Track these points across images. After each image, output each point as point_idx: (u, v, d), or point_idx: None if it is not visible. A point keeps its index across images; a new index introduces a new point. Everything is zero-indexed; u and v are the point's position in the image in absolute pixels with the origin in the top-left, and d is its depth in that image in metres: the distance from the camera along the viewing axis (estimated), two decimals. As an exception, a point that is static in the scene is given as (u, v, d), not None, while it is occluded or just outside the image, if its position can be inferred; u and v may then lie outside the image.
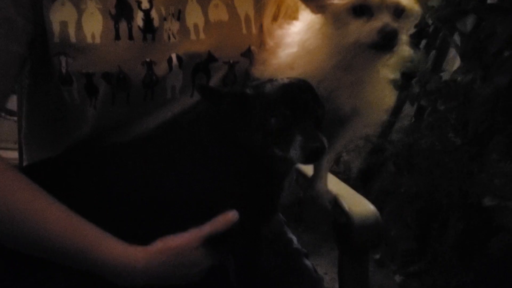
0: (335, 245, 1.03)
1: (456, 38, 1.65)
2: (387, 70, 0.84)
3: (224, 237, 0.78)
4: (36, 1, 0.80)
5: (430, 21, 1.83)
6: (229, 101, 0.78)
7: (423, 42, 1.95)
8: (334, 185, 1.03)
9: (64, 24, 0.81)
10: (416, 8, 0.79)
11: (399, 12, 0.77)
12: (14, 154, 1.11)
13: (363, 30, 0.76)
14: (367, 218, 0.98)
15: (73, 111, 0.86)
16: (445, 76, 1.97)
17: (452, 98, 1.54)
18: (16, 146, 1.10)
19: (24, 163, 1.02)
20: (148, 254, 0.75)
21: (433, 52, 1.94)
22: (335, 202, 1.00)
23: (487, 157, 1.53)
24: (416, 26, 1.94)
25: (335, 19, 0.79)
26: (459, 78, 1.55)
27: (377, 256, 2.15)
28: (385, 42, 0.76)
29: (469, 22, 1.43)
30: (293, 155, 0.74)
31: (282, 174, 0.87)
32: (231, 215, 0.77)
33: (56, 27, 0.81)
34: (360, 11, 0.76)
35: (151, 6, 0.84)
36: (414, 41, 1.93)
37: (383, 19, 0.75)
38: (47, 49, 0.82)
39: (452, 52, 1.90)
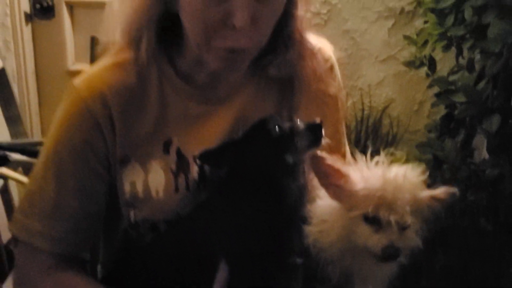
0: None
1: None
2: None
3: None
4: (112, 169, 0.94)
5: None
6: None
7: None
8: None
9: (133, 184, 0.93)
10: (420, 224, 0.87)
11: (405, 227, 0.85)
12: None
13: (370, 239, 0.84)
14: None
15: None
16: (476, 156, 2.02)
17: (480, 189, 1.61)
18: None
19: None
20: None
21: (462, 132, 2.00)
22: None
23: (518, 246, 1.59)
24: (446, 107, 2.02)
25: (349, 217, 0.86)
26: (487, 171, 1.61)
27: (416, 330, 2.17)
28: (387, 259, 0.83)
29: (495, 121, 1.51)
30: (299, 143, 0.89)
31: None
32: None
33: (127, 187, 0.94)
34: (371, 220, 0.84)
35: None
36: (444, 124, 2.01)
37: (390, 236, 0.82)
38: (117, 202, 0.96)
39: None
